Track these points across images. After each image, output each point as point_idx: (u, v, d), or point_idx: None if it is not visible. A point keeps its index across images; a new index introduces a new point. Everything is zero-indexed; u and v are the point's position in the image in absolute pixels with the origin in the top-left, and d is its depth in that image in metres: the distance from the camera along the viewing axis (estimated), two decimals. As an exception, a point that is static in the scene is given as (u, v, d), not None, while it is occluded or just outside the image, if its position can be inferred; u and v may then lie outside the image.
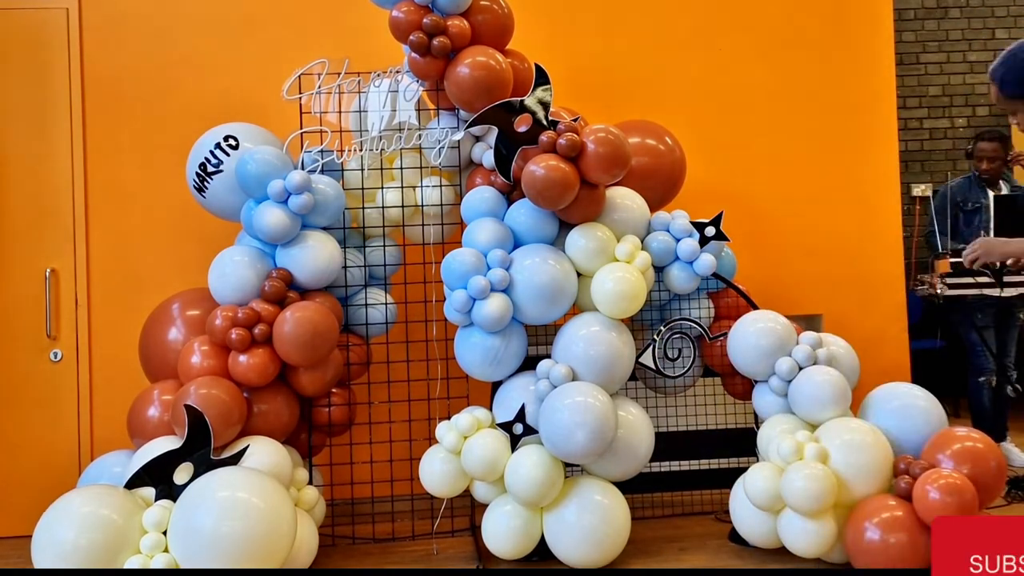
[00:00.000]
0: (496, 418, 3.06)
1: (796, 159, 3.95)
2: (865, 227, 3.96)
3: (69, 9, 3.61)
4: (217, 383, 2.79)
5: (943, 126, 5.70)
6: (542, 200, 2.96)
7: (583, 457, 2.91)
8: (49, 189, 3.59)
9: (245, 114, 3.34)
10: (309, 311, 2.88)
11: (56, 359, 3.57)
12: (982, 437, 2.77)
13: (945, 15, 5.71)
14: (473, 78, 3.05)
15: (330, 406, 3.11)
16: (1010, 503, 3.49)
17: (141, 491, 2.65)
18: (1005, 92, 2.49)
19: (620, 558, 2.99)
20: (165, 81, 3.66)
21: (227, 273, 3.00)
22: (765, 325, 3.07)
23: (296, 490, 2.93)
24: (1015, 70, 2.46)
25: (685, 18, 3.93)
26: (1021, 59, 2.46)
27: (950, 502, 2.55)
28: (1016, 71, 2.46)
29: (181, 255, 3.56)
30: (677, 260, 3.23)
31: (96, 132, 3.62)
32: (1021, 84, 2.46)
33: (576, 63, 3.78)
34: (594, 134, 2.98)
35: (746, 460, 3.41)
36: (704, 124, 3.85)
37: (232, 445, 2.79)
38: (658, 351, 3.25)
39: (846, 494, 2.78)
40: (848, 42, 3.99)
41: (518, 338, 3.07)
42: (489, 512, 3.02)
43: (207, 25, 3.69)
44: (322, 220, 3.11)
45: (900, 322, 3.96)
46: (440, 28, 3.06)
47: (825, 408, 2.95)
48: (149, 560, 2.47)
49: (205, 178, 3.13)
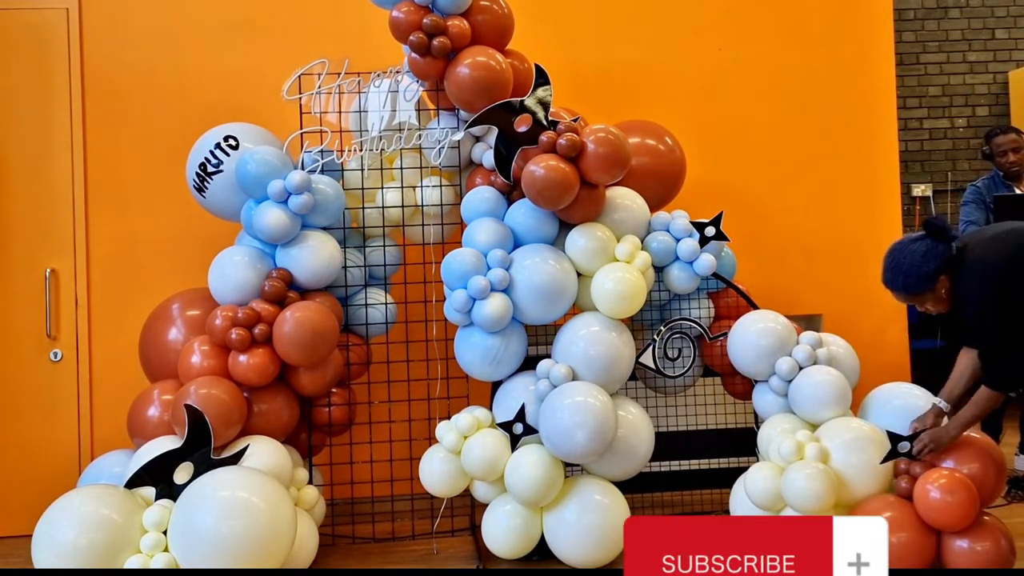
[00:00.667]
0: (496, 418, 3.06)
1: (796, 159, 3.95)
2: (865, 227, 3.96)
3: (69, 9, 3.61)
4: (217, 383, 2.79)
5: (943, 126, 5.70)
6: (542, 200, 2.96)
7: (583, 457, 2.91)
8: (49, 189, 3.59)
9: (245, 114, 3.33)
10: (309, 311, 2.88)
11: (56, 359, 3.56)
12: (982, 436, 2.77)
13: (945, 15, 5.70)
14: (473, 78, 3.05)
15: (330, 406, 3.11)
16: (1010, 502, 3.48)
17: (141, 491, 2.65)
18: (909, 292, 2.59)
19: (620, 558, 2.99)
20: (165, 81, 3.66)
21: (227, 273, 3.00)
22: (765, 325, 3.07)
23: (296, 490, 2.93)
24: (901, 271, 2.57)
25: (685, 18, 3.93)
26: (899, 260, 2.59)
27: (951, 501, 2.55)
28: (905, 271, 2.57)
29: (181, 255, 3.56)
30: (677, 260, 3.23)
31: (96, 132, 3.62)
32: (917, 280, 2.55)
33: (576, 63, 3.79)
34: (594, 134, 2.97)
35: (746, 460, 3.41)
36: (704, 124, 3.85)
37: (232, 445, 2.79)
38: (658, 351, 3.25)
39: (847, 494, 2.78)
40: (848, 42, 3.99)
41: (518, 338, 3.07)
42: (489, 512, 3.02)
43: (207, 25, 3.69)
44: (322, 220, 3.11)
45: (900, 322, 3.96)
46: (440, 28, 3.06)
47: (825, 408, 2.94)
48: (149, 560, 2.47)
49: (205, 178, 3.13)
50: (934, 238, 2.56)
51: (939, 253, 2.54)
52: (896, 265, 2.60)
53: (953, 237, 2.59)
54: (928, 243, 2.56)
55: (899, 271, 2.59)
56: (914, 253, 2.57)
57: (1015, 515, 3.33)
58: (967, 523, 2.59)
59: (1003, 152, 4.13)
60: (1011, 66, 5.69)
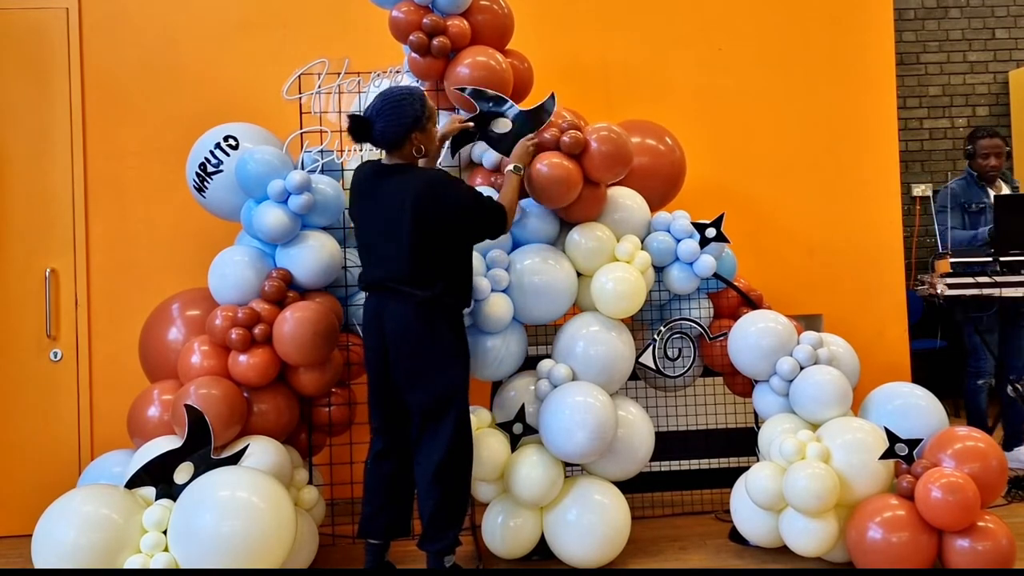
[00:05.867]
0: (496, 418, 3.06)
1: (796, 159, 3.95)
2: (865, 227, 3.96)
3: (69, 9, 3.61)
4: (217, 383, 2.79)
5: (943, 126, 5.70)
6: (545, 197, 2.96)
7: (583, 457, 2.91)
8: (49, 189, 3.59)
9: (245, 114, 3.34)
10: (309, 311, 2.87)
11: (56, 359, 3.56)
12: (983, 436, 2.77)
13: (945, 15, 5.70)
14: (473, 78, 3.05)
15: (330, 406, 3.11)
16: (1010, 502, 3.48)
17: (141, 491, 2.65)
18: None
19: (620, 558, 2.99)
20: (165, 81, 3.66)
21: (227, 273, 3.00)
22: (766, 325, 3.07)
23: (296, 490, 2.92)
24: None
25: (685, 18, 3.93)
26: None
27: (952, 501, 2.56)
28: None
29: (181, 255, 3.57)
30: (677, 261, 3.23)
31: (96, 132, 3.62)
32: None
33: (576, 63, 3.78)
34: (597, 132, 2.98)
35: (746, 460, 3.42)
36: (704, 124, 3.85)
37: (232, 445, 2.78)
38: (658, 351, 3.25)
39: (848, 493, 2.78)
40: (848, 42, 3.99)
41: (518, 338, 3.07)
42: (489, 512, 3.02)
43: (207, 25, 3.69)
44: (322, 220, 3.10)
45: (900, 322, 3.95)
46: (440, 28, 3.06)
47: (826, 408, 2.94)
48: (149, 560, 2.47)
49: (205, 178, 3.13)
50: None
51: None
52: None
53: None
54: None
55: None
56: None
57: (1015, 515, 3.33)
58: (968, 523, 2.59)
59: (986, 155, 4.16)
60: (1011, 66, 5.69)
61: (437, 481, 2.67)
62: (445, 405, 2.68)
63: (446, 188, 2.66)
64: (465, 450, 2.73)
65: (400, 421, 2.78)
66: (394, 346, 2.66)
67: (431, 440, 2.68)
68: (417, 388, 2.67)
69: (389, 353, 2.68)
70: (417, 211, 2.61)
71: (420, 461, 2.72)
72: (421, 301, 2.63)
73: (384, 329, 2.67)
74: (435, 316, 2.66)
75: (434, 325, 2.65)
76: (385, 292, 2.68)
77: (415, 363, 2.65)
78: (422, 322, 2.64)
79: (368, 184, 2.74)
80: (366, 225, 2.75)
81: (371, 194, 2.72)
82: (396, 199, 2.64)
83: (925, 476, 2.64)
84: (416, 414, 2.71)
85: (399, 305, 2.65)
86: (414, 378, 2.66)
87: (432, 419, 2.68)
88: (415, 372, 2.66)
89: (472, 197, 2.71)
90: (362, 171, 2.80)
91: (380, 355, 2.70)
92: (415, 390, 2.68)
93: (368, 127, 2.64)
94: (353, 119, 2.62)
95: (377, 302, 2.70)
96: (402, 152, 2.70)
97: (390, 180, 2.69)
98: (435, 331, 2.65)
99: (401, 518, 2.82)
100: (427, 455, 2.69)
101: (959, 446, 2.72)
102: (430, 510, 2.69)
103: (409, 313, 2.63)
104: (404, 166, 2.71)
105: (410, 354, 2.65)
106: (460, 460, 2.72)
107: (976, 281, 3.64)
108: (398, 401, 2.75)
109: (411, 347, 2.64)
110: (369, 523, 2.81)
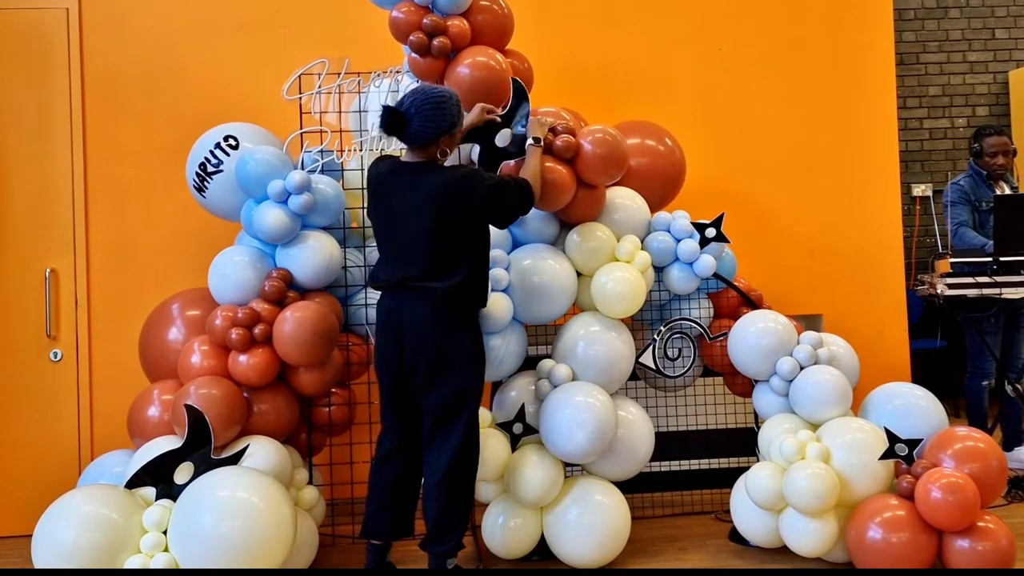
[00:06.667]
0: (496, 418, 3.06)
1: (796, 159, 3.95)
2: (865, 227, 3.96)
3: (69, 9, 3.61)
4: (217, 383, 2.79)
5: (943, 126, 5.70)
6: (539, 202, 2.96)
7: (583, 457, 2.91)
8: (49, 189, 3.59)
9: (245, 114, 3.34)
10: (309, 311, 2.87)
11: (56, 359, 3.56)
12: (983, 436, 2.77)
13: (945, 15, 5.70)
14: (473, 78, 3.04)
15: (330, 406, 3.11)
16: (1010, 502, 3.48)
17: (141, 491, 2.65)
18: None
19: (620, 558, 2.99)
20: (165, 81, 3.66)
21: (227, 273, 3.00)
22: (766, 325, 3.07)
23: (296, 490, 2.92)
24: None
25: (685, 18, 3.93)
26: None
27: (952, 501, 2.56)
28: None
29: (181, 255, 3.57)
30: (677, 261, 3.23)
31: (96, 132, 3.62)
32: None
33: (576, 63, 3.78)
34: (591, 135, 2.98)
35: (746, 460, 3.42)
36: (704, 124, 3.86)
37: (232, 445, 2.78)
38: (658, 351, 3.25)
39: (848, 493, 2.78)
40: (848, 42, 3.99)
41: (518, 338, 3.07)
42: (489, 512, 3.02)
43: (207, 25, 3.69)
44: (322, 220, 3.11)
45: (900, 322, 3.96)
46: (440, 28, 3.06)
47: (826, 408, 2.95)
48: (149, 560, 2.47)
49: (205, 178, 3.13)
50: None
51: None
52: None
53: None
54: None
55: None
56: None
57: (1015, 515, 3.33)
58: (968, 523, 2.59)
59: (993, 153, 4.12)
60: (1011, 66, 5.69)
61: (445, 482, 2.66)
62: (460, 407, 2.67)
63: (470, 187, 2.61)
64: (473, 452, 2.73)
65: (413, 421, 2.77)
66: (412, 347, 2.64)
67: (443, 441, 2.67)
68: (435, 389, 2.66)
69: (406, 354, 2.65)
70: (441, 213, 2.58)
71: (430, 462, 2.71)
72: (440, 295, 2.60)
73: (402, 329, 2.65)
74: (454, 316, 2.65)
75: (453, 326, 2.64)
76: (403, 291, 2.65)
77: (434, 364, 2.63)
78: (441, 323, 2.62)
79: (388, 183, 2.69)
80: (387, 224, 2.70)
81: (392, 193, 2.67)
82: (419, 199, 2.60)
83: (925, 476, 2.64)
84: (430, 415, 2.70)
85: (418, 304, 2.62)
86: (432, 379, 2.64)
87: (445, 420, 2.68)
88: (434, 373, 2.64)
89: (495, 187, 2.66)
90: (379, 168, 2.75)
91: (397, 355, 2.67)
92: (432, 391, 2.66)
93: (403, 124, 2.59)
94: (389, 113, 2.56)
95: (393, 301, 2.68)
96: (427, 152, 2.67)
97: (412, 179, 2.64)
98: (454, 332, 2.64)
99: (405, 518, 2.82)
100: (437, 456, 2.68)
101: (959, 446, 2.72)
102: (436, 511, 2.69)
103: (428, 313, 2.62)
104: (426, 164, 2.67)
105: (429, 355, 2.63)
106: (468, 462, 2.71)
107: (976, 281, 3.64)
108: (413, 401, 2.74)
109: (430, 348, 2.62)
110: (373, 523, 2.80)
